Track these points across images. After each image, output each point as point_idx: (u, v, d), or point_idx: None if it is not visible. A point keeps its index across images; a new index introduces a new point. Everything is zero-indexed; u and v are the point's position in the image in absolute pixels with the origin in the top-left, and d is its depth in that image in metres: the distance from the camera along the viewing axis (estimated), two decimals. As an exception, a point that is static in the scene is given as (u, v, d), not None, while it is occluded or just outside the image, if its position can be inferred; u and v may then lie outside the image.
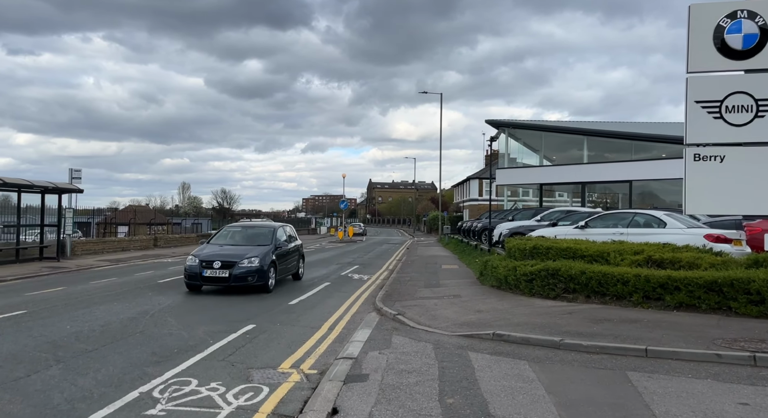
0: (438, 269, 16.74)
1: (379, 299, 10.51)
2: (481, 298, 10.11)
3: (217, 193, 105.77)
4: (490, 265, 11.77)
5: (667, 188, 31.17)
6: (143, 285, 12.47)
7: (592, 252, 9.63)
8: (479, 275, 13.17)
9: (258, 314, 8.89)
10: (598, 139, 31.05)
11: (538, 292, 9.41)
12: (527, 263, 9.98)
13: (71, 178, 18.41)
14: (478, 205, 54.61)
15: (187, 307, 9.42)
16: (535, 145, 37.01)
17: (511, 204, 39.34)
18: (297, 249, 13.98)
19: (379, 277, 15.25)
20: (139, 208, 52.71)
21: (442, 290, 11.52)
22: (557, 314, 7.91)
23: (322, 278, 14.62)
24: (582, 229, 12.71)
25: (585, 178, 30.62)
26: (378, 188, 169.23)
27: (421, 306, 9.48)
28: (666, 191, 32.62)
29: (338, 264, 18.97)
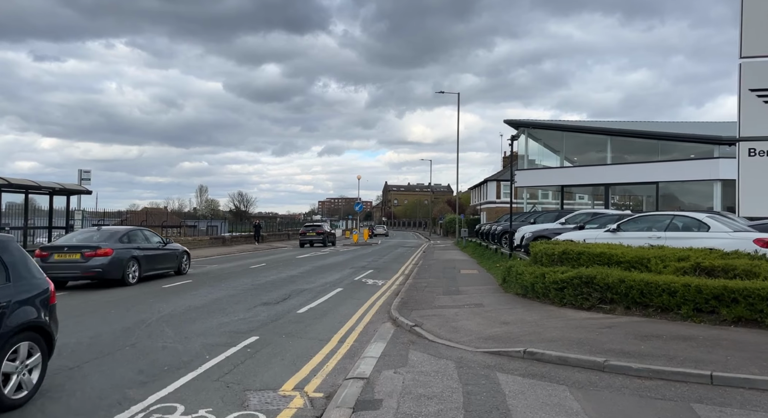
0: (456, 274, 15.90)
1: (394, 307, 9.73)
2: (506, 307, 9.26)
3: (233, 196, 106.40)
4: (514, 271, 10.92)
5: (687, 189, 30.07)
6: (146, 290, 11.86)
7: (630, 258, 8.73)
8: (502, 282, 12.31)
9: (264, 324, 8.18)
10: (621, 139, 29.87)
11: (570, 302, 8.54)
12: (557, 270, 9.11)
13: (80, 180, 18.03)
14: (496, 207, 53.49)
15: (189, 315, 8.75)
16: (555, 146, 35.91)
17: (530, 207, 38.25)
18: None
19: (395, 282, 14.47)
20: (153, 210, 52.72)
21: (462, 298, 10.70)
22: (595, 328, 7.04)
23: (334, 283, 13.89)
24: (614, 232, 11.78)
25: (608, 179, 29.49)
26: (394, 191, 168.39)
27: (440, 316, 8.68)
28: (685, 192, 31.50)
29: (352, 268, 18.24)
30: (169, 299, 10.54)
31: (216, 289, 12.16)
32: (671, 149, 28.37)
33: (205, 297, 10.83)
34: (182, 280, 13.88)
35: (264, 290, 12.16)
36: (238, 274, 15.77)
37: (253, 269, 17.63)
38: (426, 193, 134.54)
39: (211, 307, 9.66)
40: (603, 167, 29.80)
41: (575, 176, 31.67)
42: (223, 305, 9.94)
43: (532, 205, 39.70)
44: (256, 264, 19.29)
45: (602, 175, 29.67)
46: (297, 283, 13.60)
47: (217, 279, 14.16)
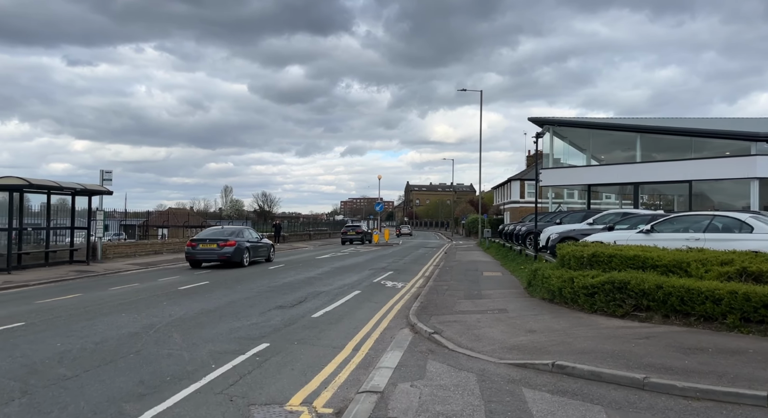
0: (479, 276, 15.36)
1: (413, 311, 9.30)
2: (531, 313, 8.73)
3: (257, 196, 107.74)
4: (540, 274, 10.36)
5: (720, 188, 28.88)
6: (161, 292, 11.68)
7: (667, 262, 8.10)
8: (527, 286, 11.75)
9: (277, 329, 7.84)
10: (651, 136, 28.79)
11: (602, 308, 7.97)
12: (586, 274, 8.54)
13: (102, 180, 18.05)
14: (520, 207, 52.49)
15: (199, 320, 8.47)
16: (581, 145, 34.90)
17: (555, 207, 37.29)
18: None
19: (415, 284, 14.03)
20: (176, 210, 53.31)
21: (484, 303, 10.19)
22: (631, 339, 6.48)
23: (352, 285, 13.52)
24: (647, 234, 11.11)
25: (638, 178, 28.44)
26: (416, 191, 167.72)
27: (461, 322, 8.21)
28: (718, 191, 30.28)
29: (371, 270, 17.86)
30: (181, 302, 10.31)
31: (232, 291, 11.90)
32: (704, 147, 27.24)
33: (220, 300, 10.56)
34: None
35: (279, 292, 11.86)
36: (257, 275, 15.53)
37: (272, 270, 17.39)
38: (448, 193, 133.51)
39: (222, 312, 9.37)
40: (632, 165, 28.76)
41: (603, 175, 30.69)
42: (237, 308, 9.65)
43: (557, 205, 38.75)
44: (275, 265, 19.06)
45: (631, 173, 28.65)
46: (314, 285, 13.28)
47: (235, 281, 13.93)
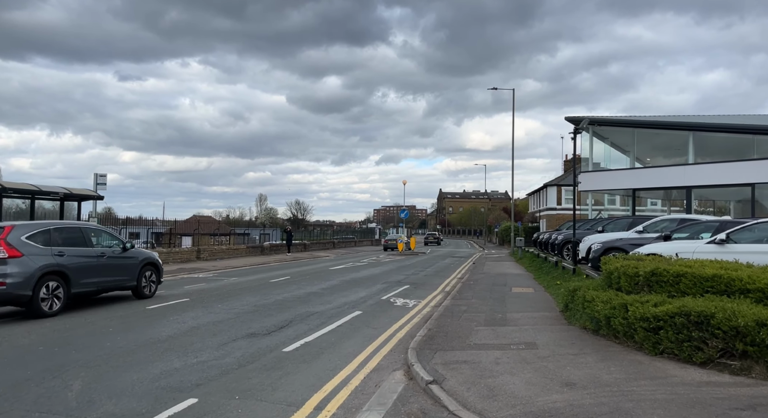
0: (506, 293, 13.12)
1: (415, 344, 7.25)
2: (569, 352, 6.53)
3: (291, 205, 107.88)
4: (580, 296, 8.13)
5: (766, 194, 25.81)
6: (122, 313, 9.98)
7: (765, 285, 5.78)
8: (564, 308, 9.51)
9: (225, 372, 5.92)
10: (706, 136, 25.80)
11: (670, 350, 5.72)
12: (646, 300, 6.29)
13: (96, 184, 16.80)
14: (557, 214, 49.42)
15: (133, 356, 6.61)
16: (624, 146, 31.99)
17: (595, 213, 34.37)
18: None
19: (429, 303, 11.93)
20: (203, 218, 52.63)
21: (508, 332, 8.02)
22: (726, 408, 4.24)
23: (355, 303, 11.53)
24: (721, 244, 8.71)
25: (690, 181, 25.40)
26: (448, 198, 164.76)
27: (473, 364, 6.11)
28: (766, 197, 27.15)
29: (385, 283, 15.83)
30: (132, 330, 8.56)
31: (207, 311, 10.10)
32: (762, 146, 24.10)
33: (184, 324, 8.74)
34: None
35: (263, 313, 9.98)
36: (251, 290, 13.74)
37: (273, 283, 15.60)
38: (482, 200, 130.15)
39: (177, 341, 7.53)
40: (683, 168, 25.77)
41: (649, 178, 27.74)
42: (196, 337, 7.79)
43: (597, 212, 35.77)
44: (279, 277, 17.28)
45: (682, 176, 25.65)
46: (310, 303, 11.36)
47: (220, 297, 12.16)
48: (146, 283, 11.72)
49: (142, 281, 11.52)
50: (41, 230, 9.43)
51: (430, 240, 62.15)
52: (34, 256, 8.99)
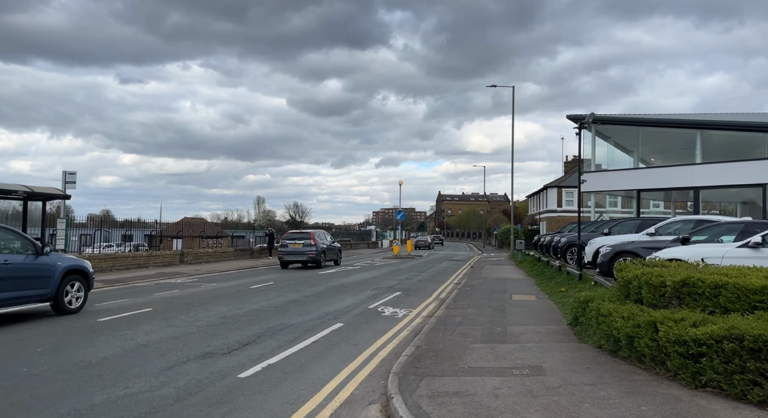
0: (507, 301, 11.94)
1: (399, 367, 6.07)
2: (584, 380, 5.33)
3: (289, 207, 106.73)
4: (594, 309, 6.94)
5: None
6: (65, 327, 8.78)
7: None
8: (572, 321, 8.32)
9: (154, 410, 4.72)
10: (714, 134, 24.67)
11: (716, 382, 4.53)
12: (679, 317, 5.10)
13: (65, 183, 15.60)
14: (557, 217, 48.25)
15: (35, 391, 5.33)
16: (628, 146, 30.84)
17: (597, 215, 33.22)
18: None
19: (421, 313, 10.74)
20: (194, 220, 51.37)
21: (509, 351, 6.83)
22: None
23: (338, 313, 10.34)
24: (756, 248, 7.56)
25: (698, 182, 24.23)
26: (447, 201, 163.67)
27: (466, 397, 4.92)
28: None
29: (375, 289, 14.63)
30: (63, 349, 7.35)
31: (166, 324, 8.89)
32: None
33: (131, 342, 7.53)
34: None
35: (230, 326, 8.78)
36: (225, 298, 12.53)
37: (253, 289, 14.39)
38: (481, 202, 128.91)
39: (112, 365, 6.33)
40: (690, 167, 24.61)
41: (654, 179, 26.57)
42: (138, 359, 6.58)
43: (598, 214, 34.65)
44: (261, 283, 16.08)
45: (690, 176, 24.49)
46: (287, 314, 10.16)
47: (187, 307, 10.95)
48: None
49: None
50: None
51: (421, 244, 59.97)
52: None
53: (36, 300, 9.30)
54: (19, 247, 9.31)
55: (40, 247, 9.59)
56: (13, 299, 8.78)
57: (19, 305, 9.00)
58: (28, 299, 9.11)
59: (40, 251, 9.48)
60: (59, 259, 10.13)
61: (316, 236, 23.65)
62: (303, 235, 23.78)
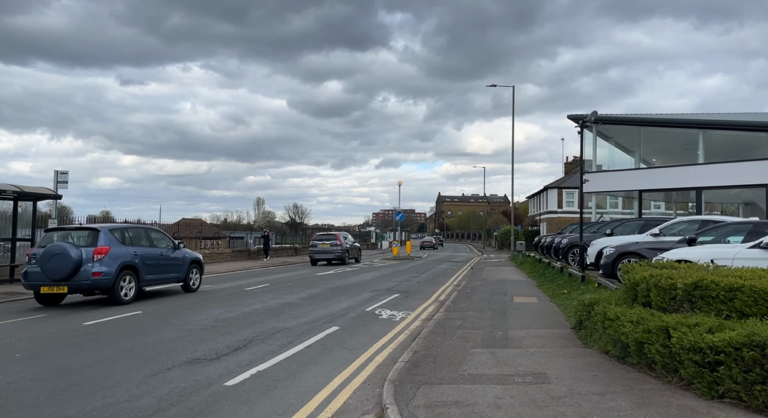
0: (508, 303, 11.63)
1: (395, 374, 5.76)
2: (592, 389, 5.02)
3: (289, 208, 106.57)
4: (599, 312, 6.64)
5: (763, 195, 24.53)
6: (52, 331, 8.47)
7: None
8: (576, 325, 8.02)
9: (135, 418, 4.42)
10: (716, 134, 24.38)
11: (734, 392, 4.22)
12: (693, 321, 4.79)
13: (57, 182, 15.29)
14: (558, 218, 47.97)
15: (18, 399, 5.10)
16: (630, 146, 30.54)
17: (597, 216, 32.91)
18: None
19: (420, 315, 10.43)
20: (191, 221, 51.04)
21: (511, 356, 6.52)
22: None
23: (334, 316, 10.02)
24: None
25: (701, 182, 23.93)
26: (447, 202, 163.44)
27: (466, 407, 4.60)
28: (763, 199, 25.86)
29: (373, 291, 14.32)
30: (47, 354, 7.04)
31: (155, 328, 8.58)
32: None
33: (116, 347, 7.21)
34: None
35: (221, 330, 8.47)
36: (219, 300, 12.21)
37: (248, 291, 14.07)
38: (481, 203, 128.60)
39: (89, 373, 6.01)
40: (693, 168, 24.31)
41: (656, 179, 26.25)
42: (121, 365, 6.26)
43: (599, 215, 34.35)
44: (257, 285, 15.77)
45: (692, 177, 24.19)
46: (281, 317, 9.85)
47: (178, 310, 10.64)
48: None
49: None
50: None
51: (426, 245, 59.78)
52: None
53: (174, 281, 12.87)
54: (167, 244, 12.83)
55: (177, 244, 13.22)
56: (166, 278, 12.55)
57: (167, 283, 12.75)
58: (172, 279, 12.79)
59: (177, 247, 13.08)
60: (186, 252, 13.44)
61: (341, 237, 26.83)
62: (330, 236, 27.08)
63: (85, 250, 10.63)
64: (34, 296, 11.01)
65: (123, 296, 10.99)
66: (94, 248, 10.69)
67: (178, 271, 12.85)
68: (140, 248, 11.78)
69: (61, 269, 10.25)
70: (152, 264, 11.93)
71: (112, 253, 10.82)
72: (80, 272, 10.41)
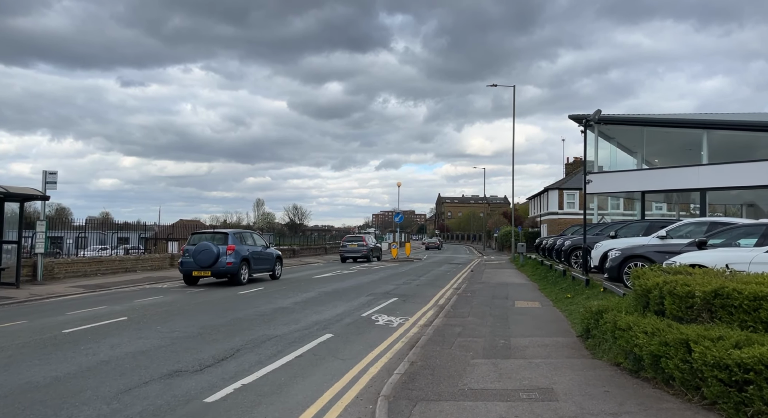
0: (509, 308, 11.20)
1: (389, 388, 5.34)
2: (604, 408, 4.58)
3: (289, 209, 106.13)
4: (609, 320, 6.20)
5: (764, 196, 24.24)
6: (26, 340, 8.03)
7: None
8: (583, 333, 7.59)
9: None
10: (721, 134, 23.95)
11: (766, 415, 3.78)
12: (716, 334, 4.36)
13: (45, 183, 14.82)
14: (558, 219, 47.52)
15: None
16: (632, 147, 30.11)
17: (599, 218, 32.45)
18: None
19: (418, 321, 9.99)
20: (189, 222, 50.61)
21: (515, 368, 6.08)
22: None
23: (328, 322, 9.58)
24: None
25: (705, 183, 23.45)
26: (447, 203, 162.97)
27: (467, 431, 4.17)
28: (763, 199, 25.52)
29: (370, 295, 13.88)
30: (20, 365, 6.60)
31: (137, 335, 8.13)
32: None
33: (92, 357, 6.78)
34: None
35: (208, 338, 8.03)
36: (210, 305, 11.78)
37: (241, 295, 13.63)
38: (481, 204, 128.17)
39: (56, 389, 5.57)
40: (697, 168, 23.86)
41: (659, 180, 25.78)
42: (93, 379, 5.82)
43: (600, 217, 33.91)
44: (251, 288, 15.32)
45: (696, 178, 23.73)
46: (273, 323, 9.41)
47: (166, 315, 10.19)
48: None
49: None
50: None
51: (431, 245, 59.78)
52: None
53: (267, 271, 17.71)
54: (261, 244, 17.64)
55: (268, 243, 18.79)
56: (263, 268, 17.39)
57: (264, 272, 17.69)
58: (266, 269, 17.64)
59: (268, 246, 18.17)
60: (273, 251, 18.38)
61: (366, 239, 32.92)
62: (357, 238, 33.48)
63: (221, 247, 15.25)
64: (183, 279, 16.02)
65: (242, 279, 15.71)
66: (226, 246, 15.29)
67: (270, 264, 17.65)
68: (249, 246, 16.44)
69: (207, 259, 15.06)
70: (257, 258, 16.63)
71: (236, 249, 15.43)
72: (218, 261, 15.13)
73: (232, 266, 15.21)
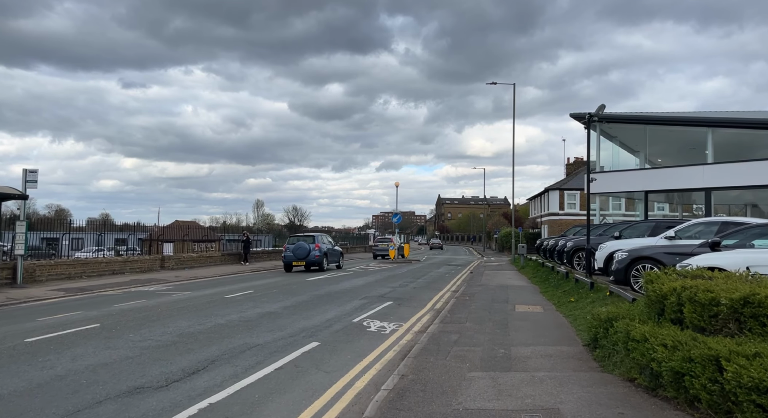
0: (509, 313, 10.57)
1: (374, 409, 4.72)
2: (620, 434, 3.95)
3: (288, 211, 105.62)
4: (621, 330, 5.58)
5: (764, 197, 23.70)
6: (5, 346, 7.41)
7: None
8: (590, 342, 6.97)
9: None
10: (726, 133, 23.33)
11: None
12: (752, 350, 3.74)
13: (25, 181, 14.22)
14: (559, 220, 46.89)
15: None
16: (634, 146, 29.47)
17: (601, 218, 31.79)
18: None
19: (413, 327, 9.37)
20: (184, 223, 49.88)
21: (515, 383, 5.45)
22: None
23: (315, 329, 8.95)
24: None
25: (711, 183, 22.83)
26: (447, 204, 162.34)
27: (461, 464, 3.53)
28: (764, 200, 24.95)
29: (363, 298, 13.25)
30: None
31: (106, 345, 7.50)
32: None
33: (48, 371, 6.14)
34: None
35: (183, 346, 7.40)
36: (193, 309, 11.15)
37: (228, 299, 13.00)
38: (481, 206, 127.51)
39: (4, 406, 4.95)
40: (702, 167, 23.23)
41: (663, 180, 25.15)
42: (41, 398, 5.19)
43: (602, 217, 33.25)
44: (240, 291, 14.69)
45: (701, 177, 23.12)
46: (256, 330, 8.78)
47: (142, 321, 9.56)
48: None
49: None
50: None
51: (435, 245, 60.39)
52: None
53: (335, 263, 24.26)
54: (330, 241, 25.12)
55: (335, 241, 27.40)
56: (334, 261, 24.11)
57: (334, 264, 24.12)
58: (335, 262, 24.27)
59: (335, 244, 26.01)
60: (338, 248, 25.69)
61: (394, 240, 37.92)
62: (386, 239, 40.84)
63: (311, 245, 22.08)
64: (283, 267, 22.65)
65: (326, 267, 22.44)
66: (314, 244, 22.23)
67: (337, 257, 24.56)
68: (326, 244, 23.37)
69: (302, 253, 21.75)
70: (329, 252, 23.23)
71: (320, 247, 22.22)
72: (309, 255, 21.87)
73: (319, 257, 22.05)
